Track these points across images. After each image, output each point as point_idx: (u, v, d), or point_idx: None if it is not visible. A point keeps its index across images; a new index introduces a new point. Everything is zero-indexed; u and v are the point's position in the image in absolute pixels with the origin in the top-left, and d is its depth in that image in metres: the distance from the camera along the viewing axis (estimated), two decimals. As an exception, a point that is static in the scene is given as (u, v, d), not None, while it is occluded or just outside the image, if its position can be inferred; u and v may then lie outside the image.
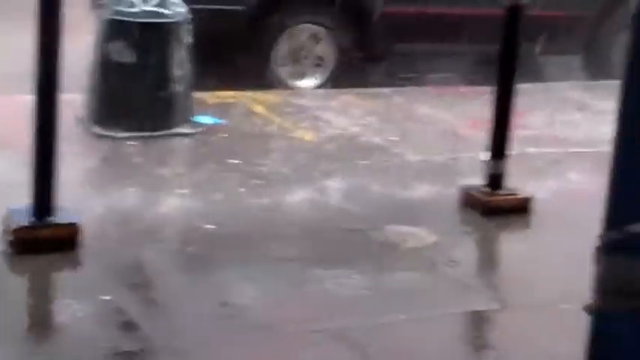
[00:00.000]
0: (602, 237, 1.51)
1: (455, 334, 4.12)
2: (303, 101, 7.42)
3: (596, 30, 8.75)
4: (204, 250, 4.59)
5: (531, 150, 6.29)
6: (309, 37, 8.03)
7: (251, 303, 4.09)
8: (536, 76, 8.43)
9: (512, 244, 5.14)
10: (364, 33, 8.17)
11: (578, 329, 3.97)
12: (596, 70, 8.79)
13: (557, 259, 4.76)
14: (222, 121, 6.66)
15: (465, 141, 6.48)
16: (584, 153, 6.45)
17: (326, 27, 8.04)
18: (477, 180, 5.34)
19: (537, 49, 8.56)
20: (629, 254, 1.50)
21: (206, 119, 6.61)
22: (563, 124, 7.18)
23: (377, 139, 6.50)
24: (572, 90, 8.24)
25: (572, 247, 4.87)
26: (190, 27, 6.38)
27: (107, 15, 6.34)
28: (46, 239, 4.36)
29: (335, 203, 5.35)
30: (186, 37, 6.37)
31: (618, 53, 8.72)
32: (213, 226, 4.85)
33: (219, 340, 3.79)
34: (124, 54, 6.22)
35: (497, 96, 5.24)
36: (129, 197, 5.20)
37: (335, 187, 5.60)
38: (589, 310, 1.54)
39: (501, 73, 5.22)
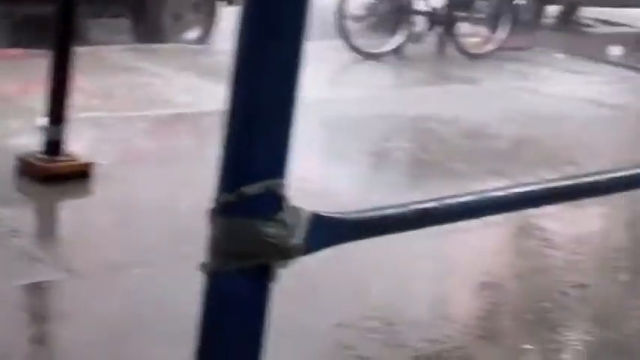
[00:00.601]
0: (216, 198, 1.48)
1: (22, 306, 3.96)
2: None
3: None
4: None
5: (89, 114, 6.19)
6: None
7: None
8: (83, 39, 8.30)
9: (75, 210, 5.02)
10: None
11: (148, 292, 4.03)
12: (144, 33, 8.82)
13: (120, 224, 4.73)
14: None
15: (18, 107, 6.24)
16: (143, 116, 6.47)
17: None
18: (33, 146, 5.16)
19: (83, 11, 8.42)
20: (243, 215, 1.50)
21: None
22: (118, 88, 7.15)
23: None
24: (122, 53, 8.21)
25: (134, 211, 4.88)
26: None
27: None
28: None
29: None
30: None
31: (166, 17, 8.82)
32: None
33: None
34: None
35: (53, 60, 5.07)
36: None
37: None
38: (203, 269, 1.51)
39: (58, 36, 5.05)
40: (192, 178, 5.11)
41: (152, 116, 6.55)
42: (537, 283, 4.65)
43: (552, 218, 5.18)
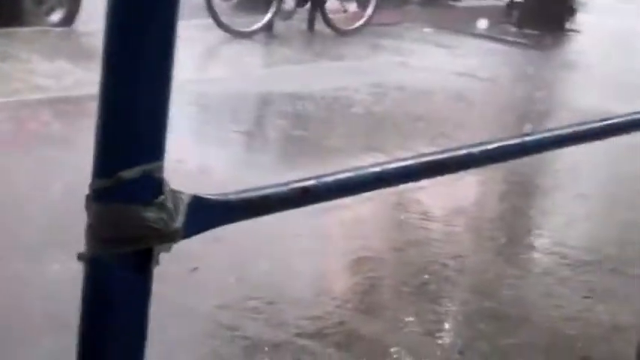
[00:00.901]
0: (92, 184, 1.43)
1: None
2: None
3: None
4: None
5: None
6: None
7: None
8: None
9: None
10: None
11: (28, 282, 3.93)
12: (6, 17, 8.57)
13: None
14: None
15: None
16: (10, 102, 6.31)
17: None
18: None
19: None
20: (122, 201, 1.46)
21: None
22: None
23: None
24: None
25: (6, 201, 4.75)
26: None
27: None
28: None
29: None
30: None
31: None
32: None
33: None
34: None
35: None
36: None
37: None
38: (82, 257, 1.47)
39: None
40: (65, 164, 5.00)
41: (19, 102, 6.39)
42: (416, 256, 4.71)
43: (428, 191, 5.25)
